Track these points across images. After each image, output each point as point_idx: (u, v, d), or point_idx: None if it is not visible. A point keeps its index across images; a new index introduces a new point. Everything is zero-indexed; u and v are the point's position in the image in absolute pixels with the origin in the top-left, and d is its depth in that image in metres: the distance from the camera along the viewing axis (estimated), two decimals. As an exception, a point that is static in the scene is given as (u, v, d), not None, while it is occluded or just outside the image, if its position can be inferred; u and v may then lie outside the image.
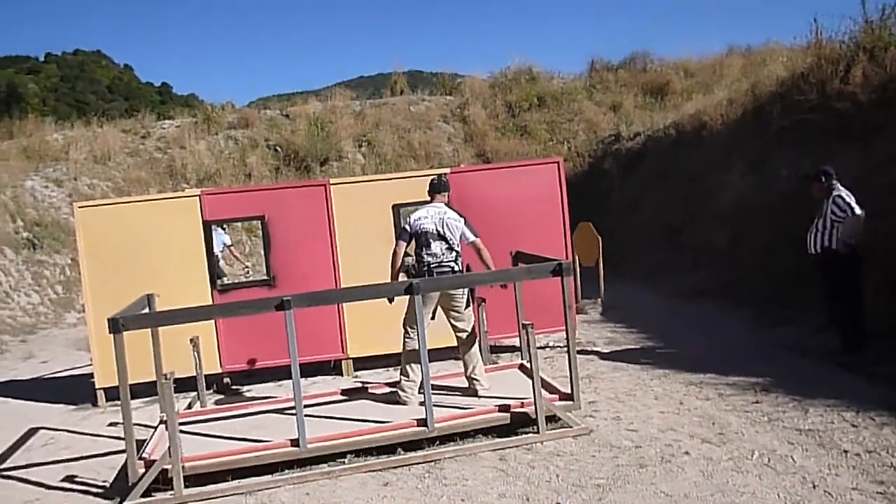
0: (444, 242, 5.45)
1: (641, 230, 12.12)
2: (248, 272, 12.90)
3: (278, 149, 16.85)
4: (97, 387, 6.91)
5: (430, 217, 5.50)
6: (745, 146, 10.19)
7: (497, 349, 7.51)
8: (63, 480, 5.01)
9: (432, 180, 5.83)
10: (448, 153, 17.32)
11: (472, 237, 5.61)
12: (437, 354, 6.54)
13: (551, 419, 5.01)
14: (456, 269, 5.46)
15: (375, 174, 13.74)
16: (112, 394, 6.34)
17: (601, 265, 9.21)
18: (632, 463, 4.36)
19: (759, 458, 4.22)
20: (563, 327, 7.13)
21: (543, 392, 5.00)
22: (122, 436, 5.42)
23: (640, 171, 13.61)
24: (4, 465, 5.49)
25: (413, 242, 5.51)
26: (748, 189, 9.91)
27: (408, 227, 5.55)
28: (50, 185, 14.39)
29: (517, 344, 6.93)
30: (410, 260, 5.56)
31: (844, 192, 5.96)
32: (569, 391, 5.09)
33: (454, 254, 5.48)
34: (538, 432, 4.87)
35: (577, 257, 9.36)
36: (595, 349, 7.36)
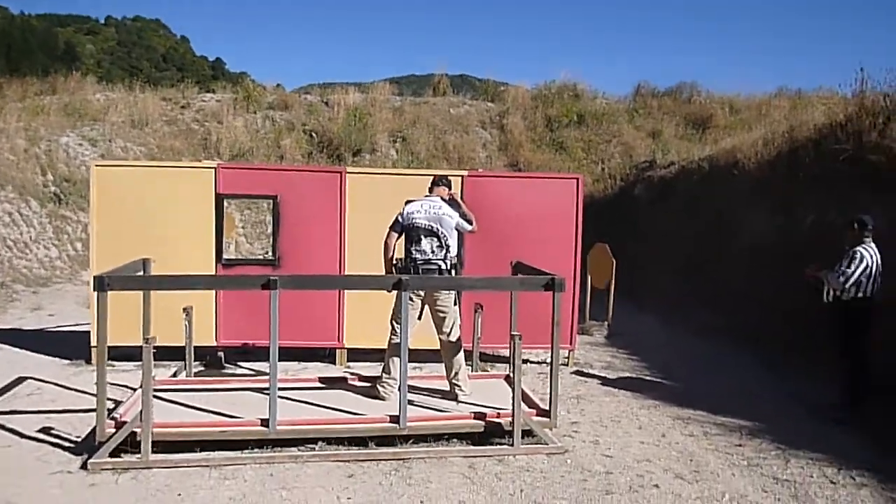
0: (435, 239, 5.34)
1: (662, 260, 11.91)
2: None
3: (314, 134, 16.97)
4: (92, 344, 6.97)
5: (423, 211, 5.41)
6: (775, 188, 9.96)
7: (493, 359, 7.43)
8: (39, 431, 5.06)
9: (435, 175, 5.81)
10: (482, 159, 17.27)
11: (469, 227, 5.61)
12: (432, 356, 6.48)
13: (528, 434, 4.92)
14: (443, 268, 5.34)
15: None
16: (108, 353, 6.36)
17: (612, 289, 9.06)
18: (599, 488, 4.26)
19: (728, 501, 4.09)
20: (567, 344, 7.26)
21: (523, 405, 4.91)
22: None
23: (670, 200, 13.39)
24: (-13, 409, 5.56)
25: (404, 236, 5.43)
26: (771, 231, 9.68)
27: (400, 219, 5.46)
28: (84, 143, 14.67)
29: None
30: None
31: (861, 250, 5.70)
32: (548, 408, 4.98)
33: (444, 251, 5.36)
34: (512, 445, 4.78)
35: (589, 278, 9.25)
36: (591, 371, 7.23)
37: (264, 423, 4.62)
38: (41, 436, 4.97)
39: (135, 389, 5.40)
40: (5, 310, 9.46)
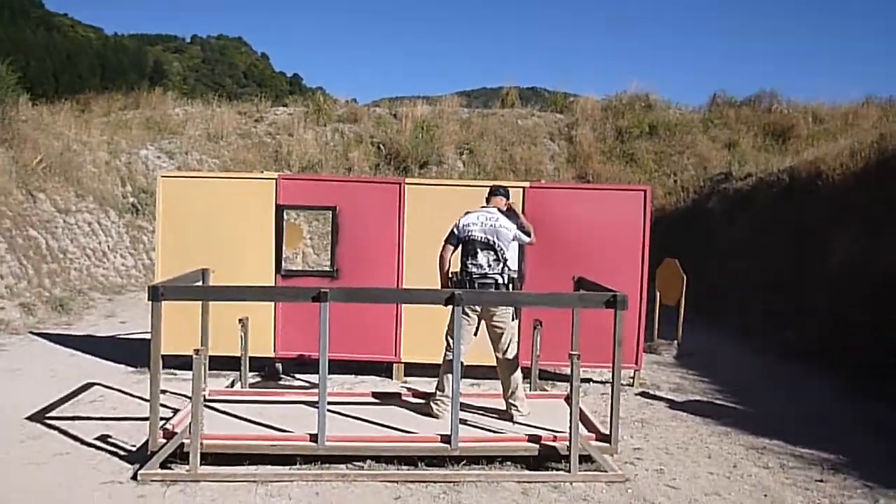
0: (491, 252, 5.15)
1: (737, 277, 11.32)
2: None
3: (381, 147, 17.10)
4: (157, 352, 7.08)
5: (479, 224, 5.23)
6: (864, 203, 9.30)
7: (554, 377, 7.16)
8: (97, 438, 5.11)
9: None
10: (549, 171, 17.00)
11: (527, 239, 5.45)
12: (490, 373, 6.27)
13: (586, 459, 4.65)
14: (500, 282, 5.14)
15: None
16: (171, 362, 6.43)
17: (682, 306, 8.62)
18: (662, 524, 3.95)
19: (807, 545, 3.71)
20: (633, 363, 6.94)
21: (581, 429, 4.64)
22: (167, 403, 5.59)
23: (747, 214, 12.76)
24: (52, 414, 5.69)
25: (460, 249, 5.26)
26: (861, 249, 9.02)
27: (456, 232, 5.29)
28: (163, 156, 15.21)
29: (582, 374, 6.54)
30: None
31: None
32: (608, 432, 4.70)
33: (501, 265, 5.17)
34: (569, 471, 4.52)
35: (658, 294, 8.85)
36: (657, 393, 6.86)
37: (313, 438, 4.53)
38: (98, 443, 5.02)
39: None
40: (81, 316, 9.81)
